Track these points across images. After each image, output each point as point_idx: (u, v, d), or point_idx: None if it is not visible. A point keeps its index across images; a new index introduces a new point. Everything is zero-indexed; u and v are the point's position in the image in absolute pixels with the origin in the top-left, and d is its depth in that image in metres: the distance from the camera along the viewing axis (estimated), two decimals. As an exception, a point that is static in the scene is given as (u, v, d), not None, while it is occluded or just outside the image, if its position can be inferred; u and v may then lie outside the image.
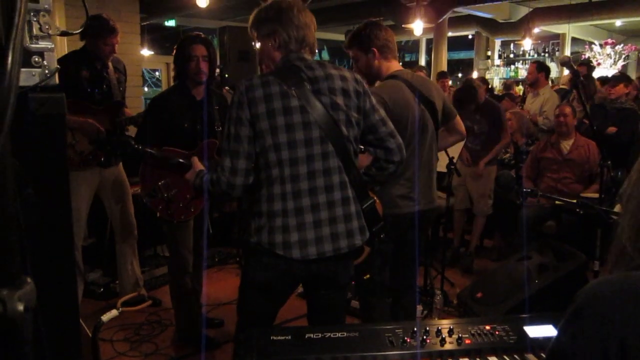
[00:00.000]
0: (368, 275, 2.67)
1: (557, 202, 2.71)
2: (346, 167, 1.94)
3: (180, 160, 2.82)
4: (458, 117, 2.90)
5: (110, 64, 3.54)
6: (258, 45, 2.05)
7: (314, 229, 1.90)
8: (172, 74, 3.16)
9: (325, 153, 1.90)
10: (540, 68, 5.98)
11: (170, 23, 11.21)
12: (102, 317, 1.71)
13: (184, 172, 2.22)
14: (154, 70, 13.14)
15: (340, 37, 13.98)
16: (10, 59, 0.42)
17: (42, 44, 1.22)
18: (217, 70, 4.04)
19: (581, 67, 6.98)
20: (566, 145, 4.51)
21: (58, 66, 1.26)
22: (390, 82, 2.62)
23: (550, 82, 6.62)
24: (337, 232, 1.92)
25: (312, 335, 1.43)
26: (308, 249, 1.89)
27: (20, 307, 0.45)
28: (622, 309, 0.80)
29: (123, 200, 3.70)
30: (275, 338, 1.41)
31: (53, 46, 1.24)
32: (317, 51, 2.18)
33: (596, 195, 3.70)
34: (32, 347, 0.48)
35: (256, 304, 2.05)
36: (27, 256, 0.53)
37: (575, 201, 2.66)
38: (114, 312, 1.72)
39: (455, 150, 3.86)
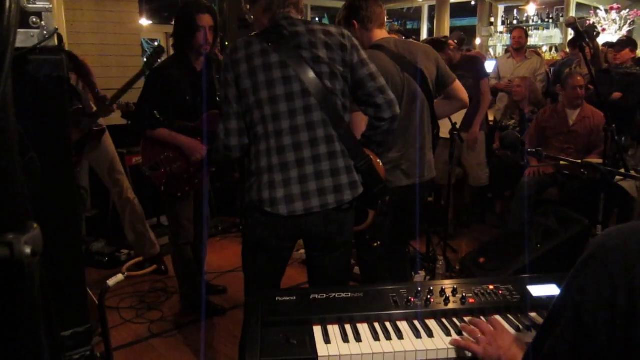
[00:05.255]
0: (379, 242, 2.64)
1: (561, 162, 2.69)
2: (333, 120, 1.92)
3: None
4: (457, 83, 2.72)
5: None
6: (251, 17, 2.09)
7: (299, 184, 1.90)
8: (171, 42, 3.06)
9: (308, 106, 1.90)
10: (526, 35, 6.19)
11: (169, -8, 11.02)
12: (107, 282, 1.72)
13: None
14: (153, 41, 12.97)
15: (342, 4, 13.73)
16: (8, -2, 0.41)
17: (40, 4, 1.19)
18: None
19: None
20: (573, 115, 4.38)
21: (56, 27, 1.24)
22: (366, 54, 2.54)
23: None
24: (324, 187, 1.91)
25: (317, 296, 1.45)
26: (295, 204, 1.90)
27: (28, 251, 0.45)
28: (630, 258, 0.80)
29: (110, 163, 3.82)
30: (280, 299, 1.43)
31: (51, 6, 1.21)
32: (317, 19, 2.20)
33: (600, 161, 3.69)
34: (41, 292, 0.48)
35: (256, 264, 2.07)
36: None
37: (580, 161, 2.65)
38: (119, 277, 1.74)
39: (459, 116, 3.82)
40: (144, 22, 9.98)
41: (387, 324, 1.38)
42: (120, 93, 3.33)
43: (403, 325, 1.38)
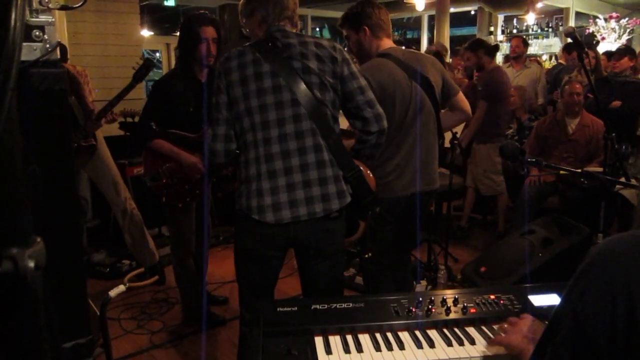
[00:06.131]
0: (369, 254, 2.64)
1: (561, 172, 2.69)
2: (322, 130, 1.94)
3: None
4: (461, 95, 2.75)
5: None
6: (247, 30, 2.12)
7: (287, 192, 1.91)
8: (172, 54, 3.07)
9: (297, 115, 1.91)
10: (525, 43, 6.29)
11: (170, 3, 11.08)
12: (109, 293, 1.72)
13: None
14: (154, 52, 13.06)
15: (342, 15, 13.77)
16: (13, 14, 0.42)
17: (43, 18, 1.21)
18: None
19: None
20: (572, 124, 4.37)
21: (59, 41, 1.26)
22: (376, 61, 2.52)
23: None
24: (311, 196, 1.92)
25: (318, 307, 1.44)
26: (282, 212, 1.91)
27: (31, 265, 0.45)
28: (630, 266, 0.80)
29: (109, 175, 3.80)
30: (281, 309, 1.43)
31: (53, 20, 1.23)
32: (317, 29, 2.22)
33: (600, 169, 3.69)
34: (43, 305, 0.48)
35: (246, 272, 2.08)
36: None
37: (579, 170, 2.65)
38: (121, 288, 1.74)
39: (459, 126, 3.84)
40: (145, 33, 10.03)
41: (389, 335, 1.38)
42: (109, 107, 3.32)
43: (404, 336, 1.38)
